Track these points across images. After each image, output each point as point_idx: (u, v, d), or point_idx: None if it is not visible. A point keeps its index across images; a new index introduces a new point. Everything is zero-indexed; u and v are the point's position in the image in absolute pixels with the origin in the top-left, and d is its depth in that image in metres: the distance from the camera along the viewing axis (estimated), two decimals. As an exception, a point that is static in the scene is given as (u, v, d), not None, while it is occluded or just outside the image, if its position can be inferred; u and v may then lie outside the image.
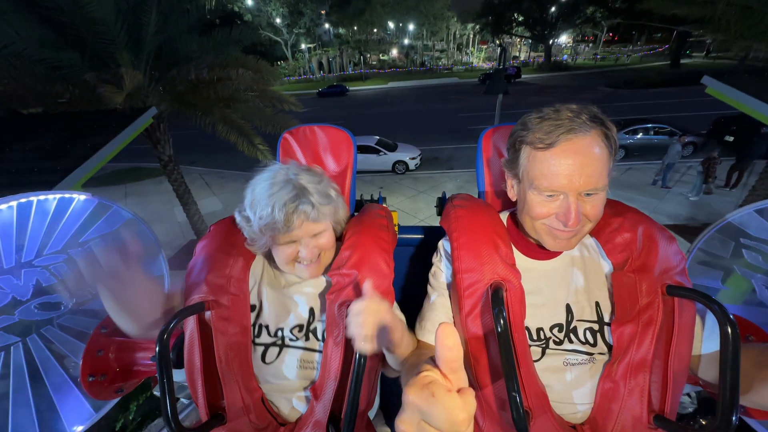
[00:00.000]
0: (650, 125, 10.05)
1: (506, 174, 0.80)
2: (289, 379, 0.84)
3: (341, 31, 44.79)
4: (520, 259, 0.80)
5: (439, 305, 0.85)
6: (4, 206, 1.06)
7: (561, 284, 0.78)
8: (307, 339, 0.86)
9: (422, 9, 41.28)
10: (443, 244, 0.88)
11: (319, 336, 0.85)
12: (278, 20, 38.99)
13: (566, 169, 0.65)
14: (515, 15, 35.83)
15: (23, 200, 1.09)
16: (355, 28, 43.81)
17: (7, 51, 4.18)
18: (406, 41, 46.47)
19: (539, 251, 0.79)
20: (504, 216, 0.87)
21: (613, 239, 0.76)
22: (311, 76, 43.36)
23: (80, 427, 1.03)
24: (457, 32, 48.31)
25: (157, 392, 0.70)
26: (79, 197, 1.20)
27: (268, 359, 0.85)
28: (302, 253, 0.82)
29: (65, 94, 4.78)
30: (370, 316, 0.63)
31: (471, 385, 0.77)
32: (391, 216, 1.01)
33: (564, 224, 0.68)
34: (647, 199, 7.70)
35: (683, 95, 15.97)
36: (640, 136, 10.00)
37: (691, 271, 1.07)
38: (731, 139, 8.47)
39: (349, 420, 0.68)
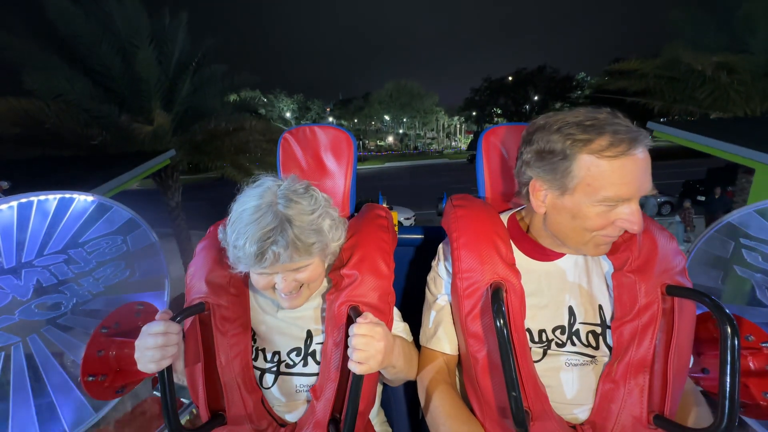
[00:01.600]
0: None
1: (536, 185, 0.73)
2: (288, 403, 0.84)
3: (344, 122, 51.36)
4: (523, 260, 0.80)
5: (440, 311, 0.85)
6: (4, 206, 1.06)
7: (564, 285, 0.78)
8: (306, 364, 0.83)
9: (414, 105, 48.58)
10: (443, 249, 0.88)
11: (318, 359, 0.83)
12: (288, 114, 47.11)
13: (637, 176, 0.64)
14: (494, 109, 43.91)
15: (24, 200, 1.09)
16: (356, 120, 51.70)
17: (61, 98, 5.41)
18: (401, 130, 53.85)
19: (542, 252, 0.79)
20: (504, 217, 0.87)
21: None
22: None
23: (80, 427, 1.03)
24: (445, 123, 55.58)
25: (157, 392, 0.70)
26: (79, 197, 1.20)
27: (264, 384, 0.84)
28: (278, 285, 0.75)
29: (98, 137, 5.87)
30: (364, 342, 0.66)
31: (471, 384, 0.78)
32: (391, 216, 1.00)
33: (630, 229, 0.67)
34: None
35: (652, 168, 18.81)
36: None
37: (691, 271, 1.07)
38: (703, 198, 9.85)
39: (349, 420, 0.68)
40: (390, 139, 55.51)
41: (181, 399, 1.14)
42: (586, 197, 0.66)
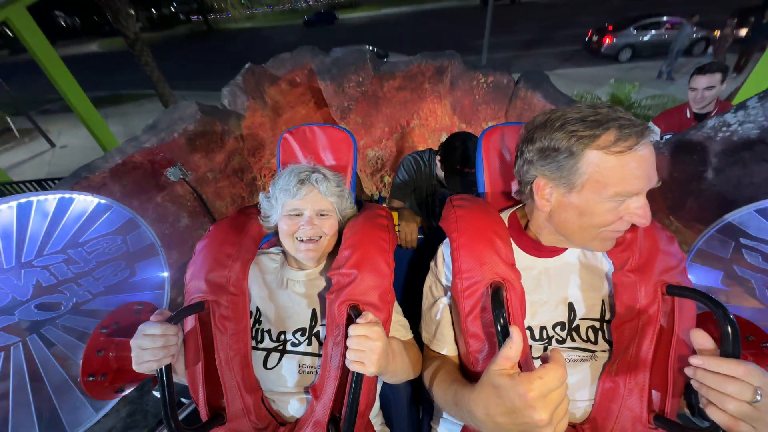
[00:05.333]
0: (665, 19, 9.07)
1: (540, 183, 0.72)
2: (291, 384, 0.84)
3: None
4: (523, 257, 0.80)
5: (439, 313, 0.84)
6: (4, 206, 1.06)
7: (563, 282, 0.78)
8: (310, 343, 0.85)
9: None
10: (442, 249, 0.88)
11: (323, 339, 0.84)
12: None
13: (645, 170, 0.64)
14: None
15: (23, 200, 1.09)
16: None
17: None
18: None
19: (541, 249, 0.79)
20: (505, 215, 0.87)
21: None
22: (297, 5, 40.11)
23: (80, 428, 1.03)
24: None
25: (157, 392, 0.70)
26: (79, 197, 1.20)
27: (269, 365, 0.84)
28: (303, 225, 0.86)
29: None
30: (361, 342, 0.66)
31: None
32: (391, 216, 1.00)
33: (638, 224, 0.67)
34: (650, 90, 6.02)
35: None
36: (652, 33, 9.09)
37: (691, 271, 1.07)
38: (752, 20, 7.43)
39: (349, 420, 0.68)
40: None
41: (181, 399, 1.14)
42: (595, 194, 0.65)
